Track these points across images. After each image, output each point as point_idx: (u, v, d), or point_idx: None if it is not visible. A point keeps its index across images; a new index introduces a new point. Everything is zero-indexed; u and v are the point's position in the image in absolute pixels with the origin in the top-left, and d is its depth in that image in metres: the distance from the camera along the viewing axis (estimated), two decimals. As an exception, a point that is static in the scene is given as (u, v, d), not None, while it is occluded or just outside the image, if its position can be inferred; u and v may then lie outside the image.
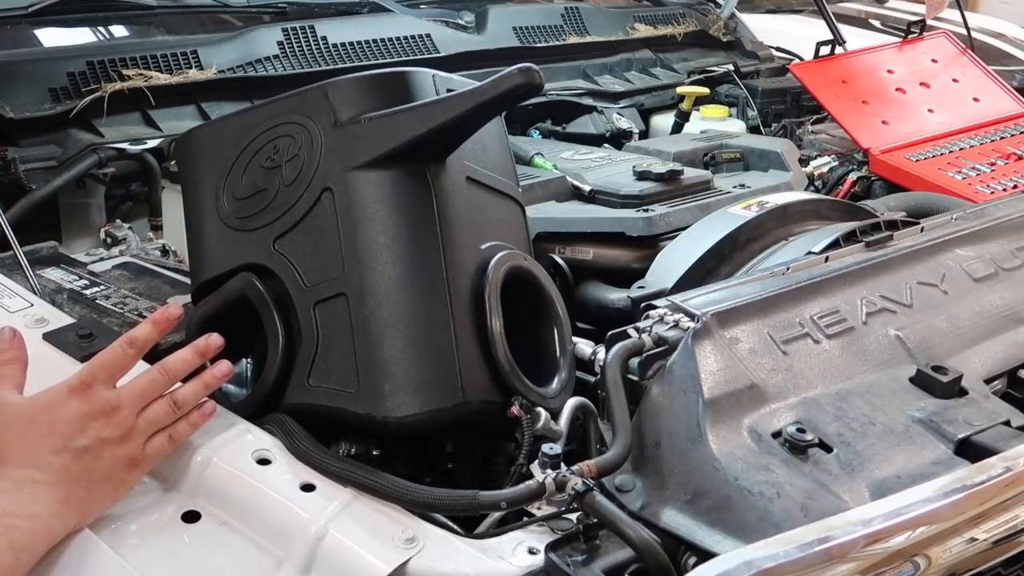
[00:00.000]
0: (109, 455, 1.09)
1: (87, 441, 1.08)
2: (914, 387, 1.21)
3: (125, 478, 1.11)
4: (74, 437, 1.08)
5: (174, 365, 1.16)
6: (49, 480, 1.06)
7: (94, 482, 1.09)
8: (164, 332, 1.18)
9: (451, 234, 1.26)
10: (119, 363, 1.13)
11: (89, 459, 1.08)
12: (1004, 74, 2.71)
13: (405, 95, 1.29)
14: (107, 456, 1.09)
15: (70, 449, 1.08)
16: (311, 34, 2.22)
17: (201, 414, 1.17)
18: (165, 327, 1.17)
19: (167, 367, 1.15)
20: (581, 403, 1.29)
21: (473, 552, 1.06)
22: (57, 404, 1.09)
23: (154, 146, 1.93)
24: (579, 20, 2.68)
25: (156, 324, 1.17)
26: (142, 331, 1.15)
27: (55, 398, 1.10)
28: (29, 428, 1.08)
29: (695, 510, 1.05)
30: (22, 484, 1.05)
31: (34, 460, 1.07)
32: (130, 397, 1.12)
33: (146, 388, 1.13)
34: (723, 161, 2.12)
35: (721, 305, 1.20)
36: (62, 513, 1.06)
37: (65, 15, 2.11)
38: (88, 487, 1.08)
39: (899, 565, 0.96)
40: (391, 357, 1.20)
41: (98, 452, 1.09)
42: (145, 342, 1.15)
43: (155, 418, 1.13)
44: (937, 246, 1.43)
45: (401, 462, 1.25)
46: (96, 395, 1.10)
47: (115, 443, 1.10)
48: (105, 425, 1.09)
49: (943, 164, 2.21)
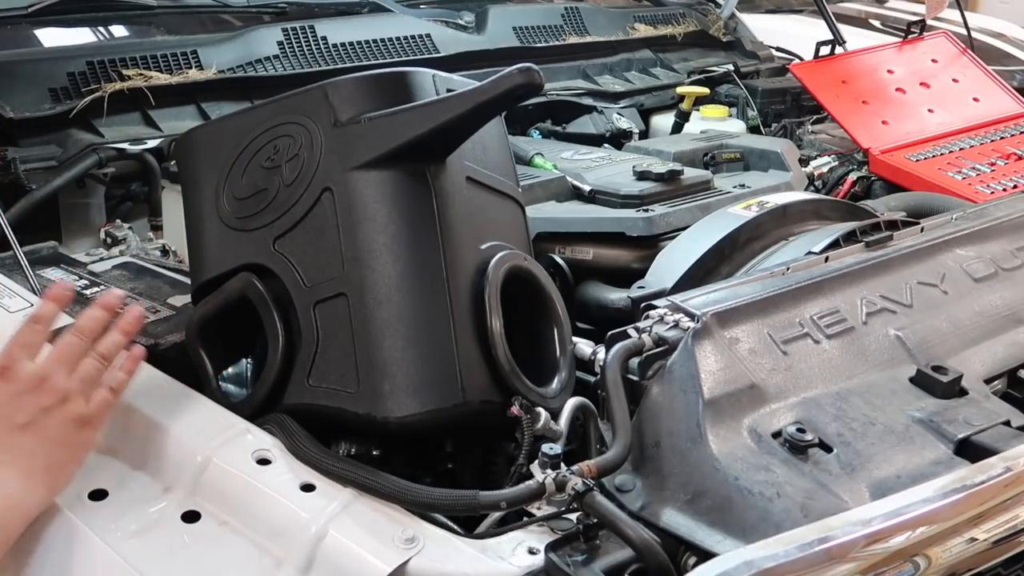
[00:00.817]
0: (55, 421, 1.12)
1: (26, 416, 1.11)
2: (914, 387, 1.21)
3: (80, 438, 1.14)
4: (13, 416, 1.11)
5: (84, 323, 1.18)
6: (5, 460, 1.09)
7: (50, 450, 1.11)
8: (63, 305, 1.20)
9: (451, 234, 1.26)
10: (30, 340, 1.15)
11: (37, 430, 1.11)
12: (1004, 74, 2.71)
13: (405, 95, 1.29)
14: (53, 423, 1.12)
15: (15, 427, 1.10)
16: (311, 34, 2.22)
17: (132, 359, 1.19)
18: (62, 301, 1.19)
19: (78, 327, 1.17)
20: (581, 403, 1.29)
21: (473, 552, 1.06)
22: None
23: (154, 146, 1.93)
24: (579, 20, 2.68)
25: (54, 299, 1.19)
26: (43, 308, 1.18)
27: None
28: None
29: (695, 510, 1.05)
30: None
31: None
32: (53, 364, 1.14)
33: (66, 351, 1.15)
34: (723, 161, 2.12)
35: (721, 305, 1.20)
36: (28, 487, 1.09)
37: (65, 15, 2.11)
38: (46, 456, 1.11)
39: (899, 565, 0.96)
40: (391, 357, 1.20)
41: (43, 422, 1.11)
42: (48, 317, 1.17)
43: (87, 374, 1.15)
44: (937, 246, 1.42)
45: (401, 462, 1.25)
46: (20, 372, 1.12)
47: (56, 408, 1.12)
48: (39, 395, 1.12)
49: (943, 164, 2.21)
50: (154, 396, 1.25)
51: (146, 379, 1.25)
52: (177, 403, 1.24)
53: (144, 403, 1.23)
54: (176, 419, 1.21)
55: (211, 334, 1.32)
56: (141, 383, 1.23)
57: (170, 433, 1.19)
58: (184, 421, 1.21)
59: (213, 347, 1.33)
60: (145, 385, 1.24)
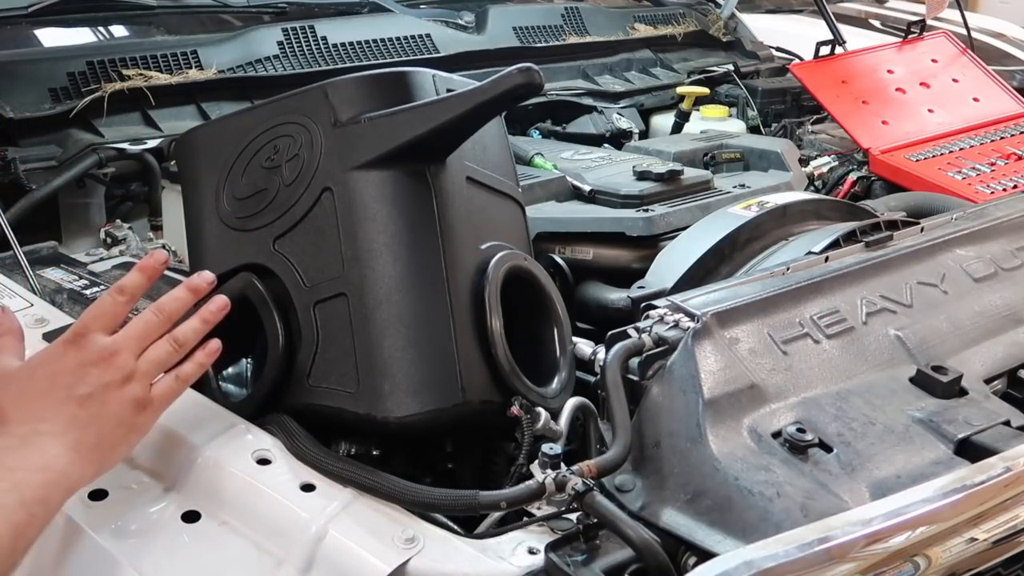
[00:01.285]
0: (115, 399, 1.07)
1: (89, 388, 1.06)
2: (914, 387, 1.21)
3: (136, 422, 1.09)
4: (75, 385, 1.06)
5: (168, 304, 1.13)
6: (55, 430, 1.04)
7: (104, 428, 1.06)
8: (152, 279, 1.14)
9: (451, 234, 1.26)
10: (110, 311, 1.10)
11: (95, 405, 1.06)
12: (1004, 74, 2.71)
13: (405, 95, 1.29)
14: (113, 400, 1.07)
15: (73, 398, 1.05)
16: (311, 34, 2.22)
17: (207, 352, 1.16)
18: (153, 274, 1.14)
19: (161, 307, 1.13)
20: (581, 403, 1.29)
21: (473, 552, 1.06)
22: (53, 358, 1.08)
23: (154, 146, 1.93)
24: (579, 20, 2.68)
25: (143, 271, 1.14)
26: (130, 279, 1.13)
27: (51, 354, 1.09)
28: (29, 385, 1.07)
29: (695, 510, 1.05)
30: (27, 439, 1.03)
31: (37, 414, 1.05)
32: (127, 340, 1.09)
33: (142, 330, 1.11)
34: (723, 161, 2.12)
35: (721, 305, 1.20)
36: (74, 460, 1.04)
37: (65, 15, 2.11)
38: (98, 433, 1.06)
39: (899, 565, 0.96)
40: (391, 357, 1.20)
41: (103, 397, 1.06)
42: (134, 289, 1.12)
43: (157, 358, 1.11)
44: (937, 246, 1.42)
45: (401, 462, 1.25)
46: (91, 343, 1.07)
47: (118, 386, 1.07)
48: (105, 370, 1.07)
49: (943, 164, 2.21)
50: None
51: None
52: (177, 403, 1.24)
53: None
54: (176, 419, 1.20)
55: (211, 334, 1.32)
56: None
57: (170, 433, 1.19)
58: (184, 421, 1.20)
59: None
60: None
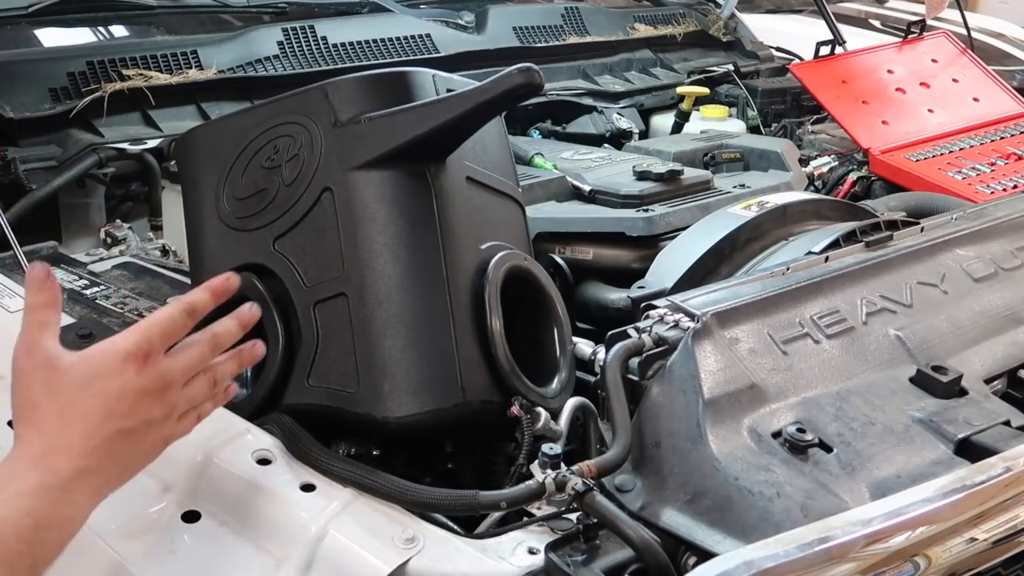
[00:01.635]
0: (150, 437, 1.00)
1: (136, 422, 0.98)
2: (914, 387, 1.21)
3: (152, 456, 1.02)
4: (124, 416, 0.97)
5: (222, 337, 1.06)
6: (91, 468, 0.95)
7: (128, 466, 1.00)
8: (220, 301, 1.06)
9: (451, 234, 1.26)
10: (176, 332, 1.01)
11: (133, 441, 0.98)
12: (1004, 74, 2.71)
13: (405, 95, 1.29)
14: (148, 438, 1.00)
15: (117, 429, 0.97)
16: (311, 34, 2.22)
17: (226, 394, 1.11)
18: (222, 296, 1.06)
19: (217, 339, 1.05)
20: (581, 403, 1.29)
21: (473, 552, 1.06)
22: (114, 374, 0.97)
23: (154, 146, 1.93)
24: (579, 20, 2.68)
25: (214, 292, 1.05)
26: (201, 299, 1.04)
27: (111, 367, 0.97)
28: (79, 399, 0.96)
29: (695, 510, 1.05)
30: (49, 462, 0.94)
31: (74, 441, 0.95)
32: (182, 372, 1.01)
33: (196, 362, 1.03)
34: (723, 161, 2.11)
35: (721, 305, 1.20)
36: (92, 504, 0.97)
37: (65, 15, 2.11)
38: (121, 472, 0.99)
39: (899, 565, 0.96)
40: (391, 357, 1.20)
41: (142, 434, 0.99)
42: (203, 311, 1.04)
43: (195, 396, 1.04)
44: (937, 246, 1.43)
45: (401, 462, 1.25)
46: (154, 368, 0.98)
47: (159, 424, 1.00)
48: (156, 403, 0.99)
49: (943, 164, 2.21)
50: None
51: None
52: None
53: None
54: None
55: None
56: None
57: (170, 433, 1.19)
58: (184, 421, 1.20)
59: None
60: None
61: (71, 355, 0.97)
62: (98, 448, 0.95)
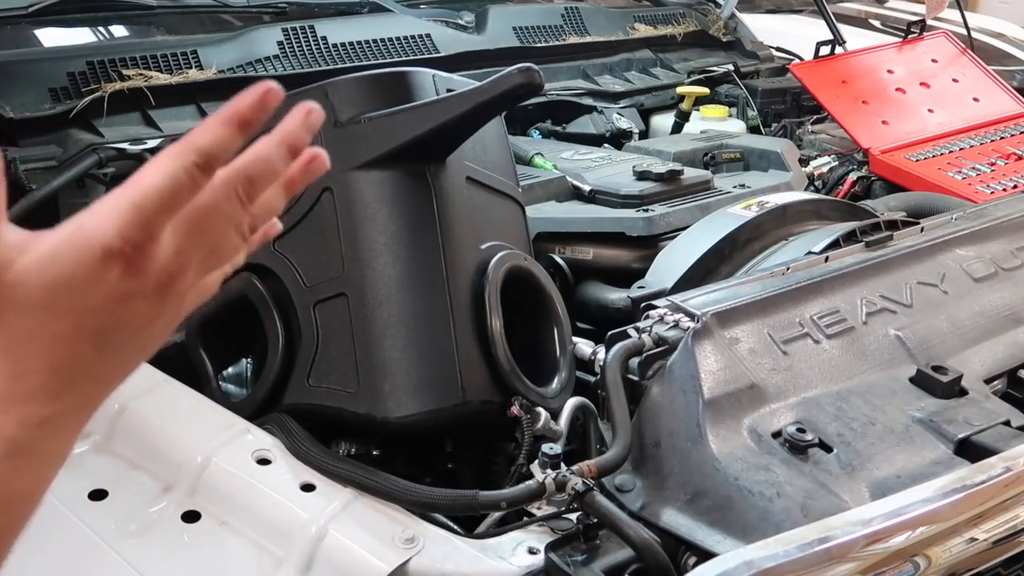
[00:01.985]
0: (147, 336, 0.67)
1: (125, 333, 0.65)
2: (914, 387, 1.21)
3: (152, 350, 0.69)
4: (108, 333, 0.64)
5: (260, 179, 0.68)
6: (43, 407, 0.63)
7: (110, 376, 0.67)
8: (249, 132, 0.66)
9: (451, 234, 1.26)
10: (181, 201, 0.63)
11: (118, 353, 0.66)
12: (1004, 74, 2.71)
13: (405, 95, 1.29)
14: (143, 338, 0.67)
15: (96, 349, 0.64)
16: (311, 34, 2.22)
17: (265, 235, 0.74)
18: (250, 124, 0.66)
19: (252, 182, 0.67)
20: (581, 403, 1.29)
21: (473, 552, 1.06)
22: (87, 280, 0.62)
23: (154, 146, 1.93)
24: (579, 20, 2.67)
25: (239, 120, 0.66)
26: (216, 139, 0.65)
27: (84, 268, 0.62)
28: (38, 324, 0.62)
29: (695, 510, 1.05)
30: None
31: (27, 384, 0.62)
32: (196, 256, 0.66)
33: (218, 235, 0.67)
34: (723, 161, 2.11)
35: (721, 305, 1.20)
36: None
37: (65, 15, 2.11)
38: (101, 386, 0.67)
39: (899, 565, 0.96)
40: (391, 357, 1.20)
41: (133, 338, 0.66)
42: (223, 159, 0.65)
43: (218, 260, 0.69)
44: (937, 246, 1.42)
45: (401, 462, 1.25)
46: (151, 264, 0.63)
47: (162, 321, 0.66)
48: (155, 307, 0.65)
49: (943, 164, 2.21)
50: (154, 396, 1.25)
51: (146, 379, 1.25)
52: (177, 403, 1.24)
53: (144, 403, 1.23)
54: (176, 419, 1.21)
55: (211, 334, 1.32)
56: (141, 383, 1.23)
57: (170, 433, 1.19)
58: (184, 421, 1.21)
59: (213, 347, 1.33)
60: (145, 385, 1.24)
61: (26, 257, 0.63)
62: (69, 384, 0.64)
